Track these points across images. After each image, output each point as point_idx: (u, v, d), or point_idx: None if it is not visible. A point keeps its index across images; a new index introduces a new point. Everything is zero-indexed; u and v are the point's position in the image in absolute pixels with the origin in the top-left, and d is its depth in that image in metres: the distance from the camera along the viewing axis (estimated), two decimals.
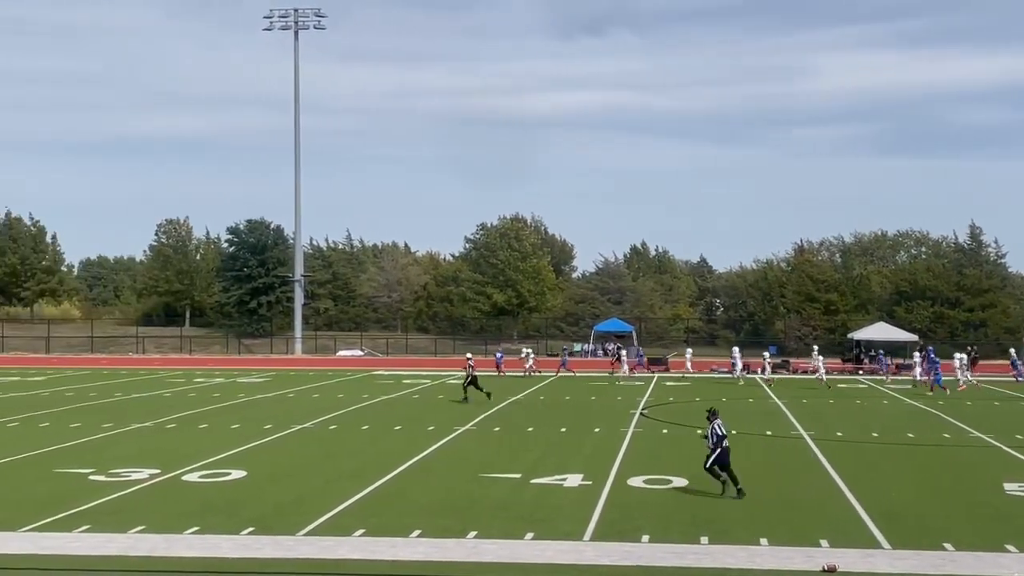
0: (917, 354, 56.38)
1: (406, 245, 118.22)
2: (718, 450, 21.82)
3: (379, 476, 24.04)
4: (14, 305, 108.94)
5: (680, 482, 23.33)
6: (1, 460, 26.50)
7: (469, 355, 47.61)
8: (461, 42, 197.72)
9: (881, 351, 56.77)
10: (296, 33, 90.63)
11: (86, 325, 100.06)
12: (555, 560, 16.47)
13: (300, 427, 33.92)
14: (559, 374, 59.34)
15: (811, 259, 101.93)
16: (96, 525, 18.74)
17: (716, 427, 21.97)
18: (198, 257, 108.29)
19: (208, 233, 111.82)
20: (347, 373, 62.61)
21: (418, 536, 17.98)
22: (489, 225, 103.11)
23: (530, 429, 33.50)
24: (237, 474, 24.43)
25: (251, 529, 18.46)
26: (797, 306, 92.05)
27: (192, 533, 18.19)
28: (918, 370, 53.50)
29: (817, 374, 54.64)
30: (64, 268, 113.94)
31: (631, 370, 61.31)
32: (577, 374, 60.06)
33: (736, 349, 59.30)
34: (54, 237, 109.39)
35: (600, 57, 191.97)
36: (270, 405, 42.06)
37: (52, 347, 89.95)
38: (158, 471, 24.63)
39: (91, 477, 23.87)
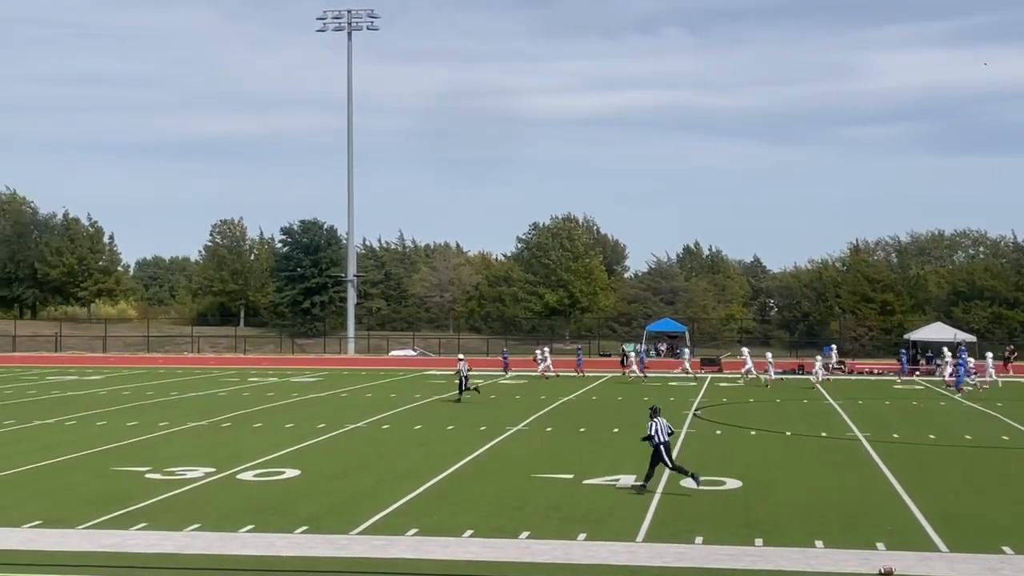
0: (950, 355, 55.99)
1: (458, 245, 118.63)
2: (660, 446, 22.28)
3: (431, 476, 24.08)
4: (72, 305, 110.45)
5: (734, 483, 23.16)
6: (60, 458, 26.84)
7: (461, 356, 47.66)
8: (511, 42, 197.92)
9: (963, 348, 56.47)
10: (349, 34, 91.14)
11: (142, 325, 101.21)
12: (608, 561, 16.41)
13: (353, 426, 34.07)
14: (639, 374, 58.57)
15: (867, 259, 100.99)
16: (152, 523, 18.91)
17: (655, 424, 22.45)
18: (252, 257, 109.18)
19: (262, 233, 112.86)
20: (399, 373, 62.83)
21: (470, 536, 17.98)
22: (541, 225, 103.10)
23: (582, 429, 33.42)
24: (291, 473, 24.57)
25: (305, 528, 18.55)
26: (852, 306, 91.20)
27: (247, 531, 18.31)
28: (948, 370, 53.03)
29: (813, 374, 54.55)
30: (121, 268, 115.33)
31: (639, 371, 59.97)
32: (586, 374, 59.36)
33: (745, 350, 59.34)
34: (111, 237, 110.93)
35: (652, 56, 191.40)
36: (323, 405, 42.29)
37: (109, 346, 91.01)
38: (213, 470, 24.82)
39: (147, 475, 24.10)
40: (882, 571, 15.68)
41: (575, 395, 46.56)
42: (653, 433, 22.38)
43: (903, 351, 65.54)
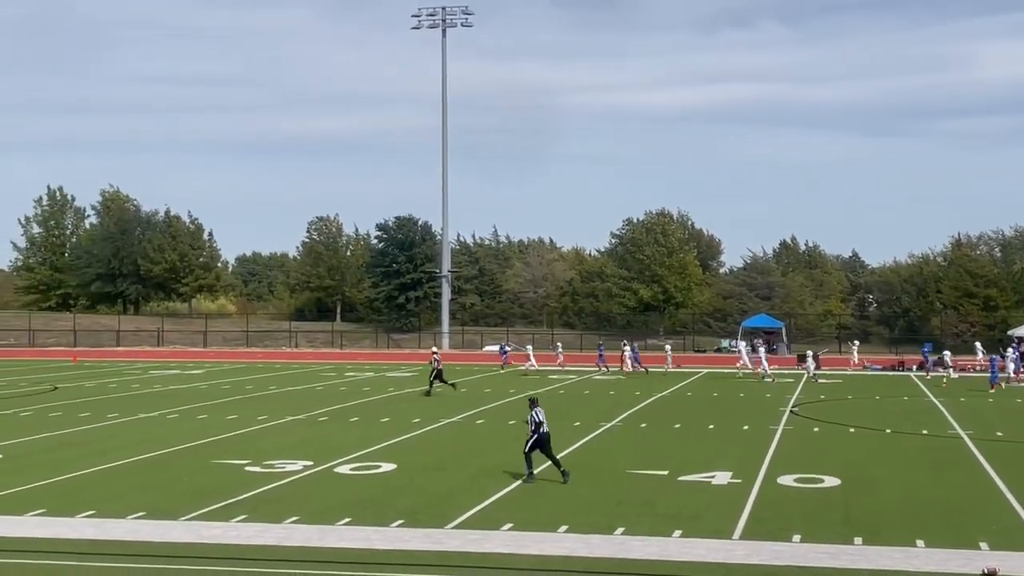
0: (1010, 349, 54.80)
1: (551, 241, 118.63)
2: (535, 435, 22.79)
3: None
4: (173, 300, 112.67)
5: (833, 481, 22.83)
6: (162, 450, 27.40)
7: (435, 349, 48.54)
8: (606, 37, 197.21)
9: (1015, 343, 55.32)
10: (444, 31, 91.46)
11: (241, 320, 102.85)
12: (704, 558, 16.29)
13: (448, 421, 34.25)
14: (631, 370, 57.89)
15: (969, 253, 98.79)
16: (252, 515, 19.22)
17: (535, 414, 22.98)
18: (348, 253, 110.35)
19: (357, 230, 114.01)
20: (493, 368, 63.01)
21: (565, 531, 17.97)
22: (635, 220, 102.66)
23: (677, 426, 33.22)
24: (387, 467, 24.78)
25: (401, 522, 18.70)
26: (954, 302, 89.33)
27: (344, 525, 18.51)
28: (1012, 366, 51.86)
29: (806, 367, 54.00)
30: (220, 264, 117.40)
31: (631, 367, 58.67)
32: (625, 371, 58.49)
33: (741, 344, 59.06)
34: (211, 234, 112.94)
35: (748, 50, 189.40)
36: (418, 399, 42.57)
37: (209, 341, 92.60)
38: (311, 463, 25.14)
39: (247, 468, 24.48)
40: (986, 571, 15.31)
41: (669, 391, 46.29)
42: (541, 420, 23.01)
43: (1014, 347, 63.50)
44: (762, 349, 61.81)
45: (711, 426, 33.02)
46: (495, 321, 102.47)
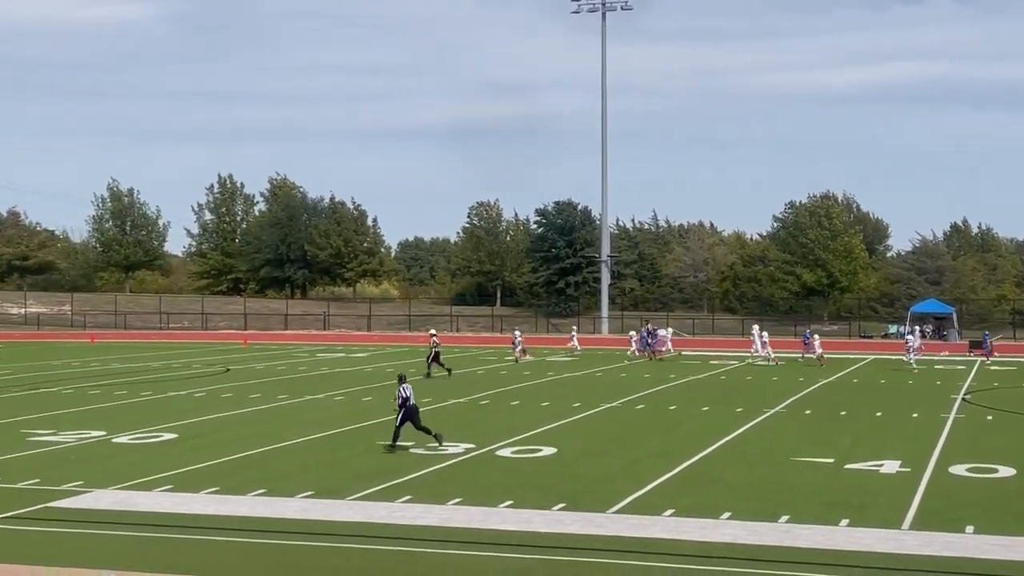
0: None
1: (712, 225, 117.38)
2: (403, 410, 24.39)
3: (687, 456, 23.92)
4: (338, 285, 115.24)
5: (1008, 471, 22.04)
6: (329, 431, 28.04)
7: (433, 331, 49.17)
8: (766, 18, 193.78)
9: None
10: (604, 15, 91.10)
11: (404, 304, 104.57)
12: (872, 548, 15.90)
13: (608, 406, 34.21)
14: (654, 357, 56.47)
15: None
16: (416, 496, 19.51)
17: (402, 390, 24.56)
18: (508, 239, 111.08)
19: (517, 215, 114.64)
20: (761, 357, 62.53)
21: (728, 518, 17.76)
22: (798, 203, 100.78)
23: (843, 413, 32.51)
24: (548, 451, 24.88)
25: (562, 505, 18.74)
26: None
27: (506, 507, 18.64)
28: None
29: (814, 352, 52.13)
30: (384, 250, 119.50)
31: (639, 353, 57.20)
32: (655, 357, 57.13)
33: (756, 328, 57.22)
34: (375, 220, 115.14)
35: (918, 26, 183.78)
36: (578, 383, 42.62)
37: (373, 325, 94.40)
38: (473, 446, 25.40)
39: (411, 450, 24.84)
40: None
41: (835, 377, 45.33)
42: (407, 395, 24.57)
43: None
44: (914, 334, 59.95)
45: (878, 413, 32.22)
46: (655, 306, 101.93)
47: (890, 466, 22.67)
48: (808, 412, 32.80)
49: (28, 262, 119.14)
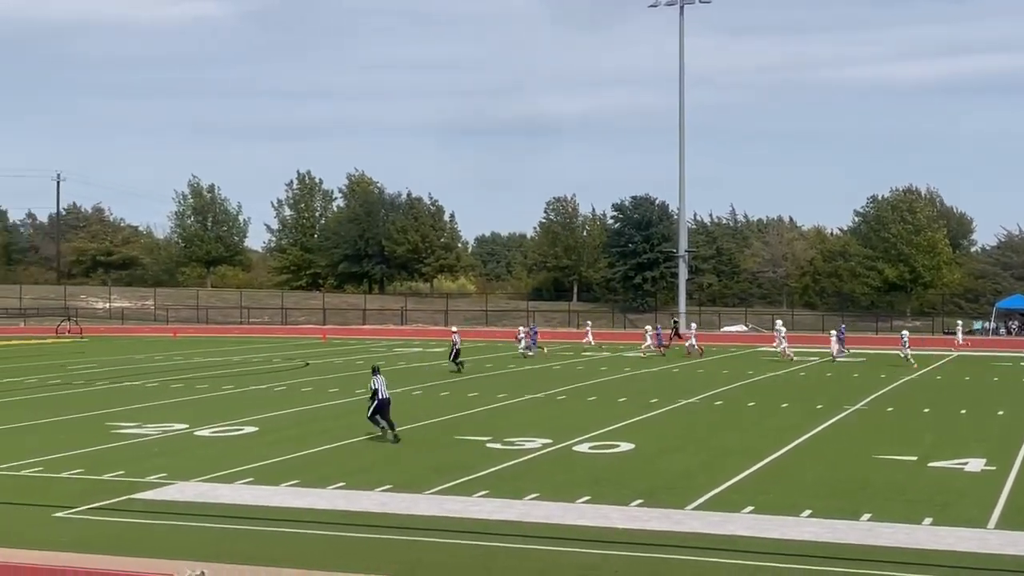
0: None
1: (791, 219, 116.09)
2: (375, 402, 25.13)
3: (767, 453, 23.71)
4: (416, 280, 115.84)
5: None
6: (407, 426, 28.17)
7: (454, 328, 49.91)
8: (849, 10, 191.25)
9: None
10: (681, 8, 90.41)
11: (480, 299, 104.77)
12: (956, 547, 15.63)
13: (686, 402, 34.02)
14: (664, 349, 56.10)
15: None
16: (494, 491, 19.55)
17: (373, 382, 25.40)
18: (585, 234, 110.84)
19: (594, 210, 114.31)
20: (731, 349, 62.22)
21: (808, 516, 17.57)
22: (880, 197, 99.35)
23: (926, 410, 32.01)
24: (625, 446, 24.80)
25: (640, 501, 18.67)
26: None
27: (583, 502, 18.61)
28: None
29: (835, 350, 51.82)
30: (461, 245, 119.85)
31: (654, 348, 56.43)
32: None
33: (780, 322, 57.65)
34: (452, 215, 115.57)
35: (1001, 16, 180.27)
36: (655, 379, 42.45)
37: (450, 320, 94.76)
38: (550, 441, 25.40)
39: (488, 445, 24.93)
40: None
41: (917, 375, 44.64)
42: (376, 387, 25.35)
43: None
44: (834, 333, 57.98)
45: (963, 411, 31.68)
46: (733, 301, 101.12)
47: (975, 464, 22.28)
48: (890, 409, 32.34)
49: (112, 257, 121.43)
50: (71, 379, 41.59)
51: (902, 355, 48.17)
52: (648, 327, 59.13)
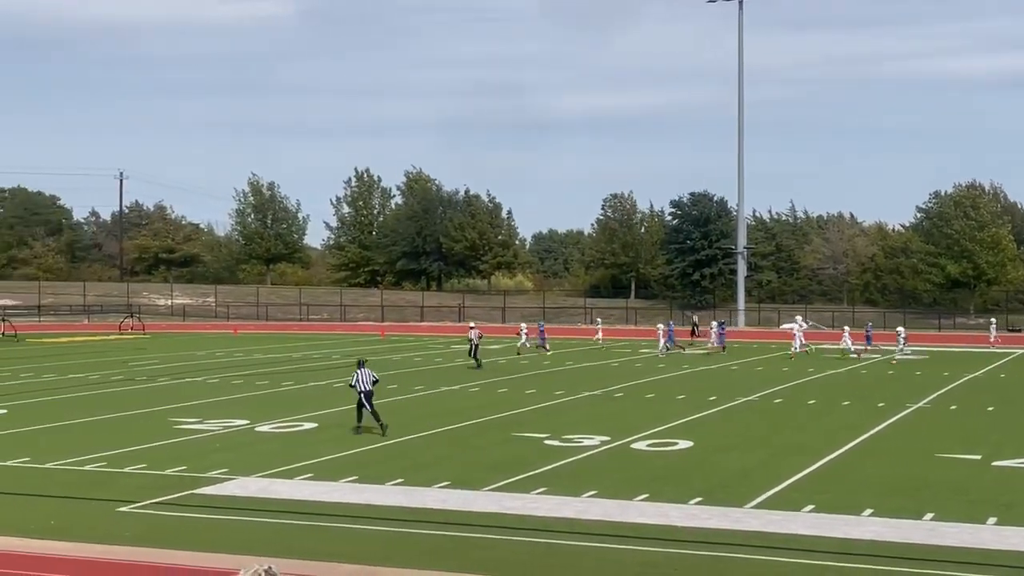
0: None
1: (852, 215, 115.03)
2: (360, 394, 25.78)
3: (827, 451, 23.48)
4: (473, 277, 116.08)
5: None
6: (465, 422, 28.25)
7: (472, 324, 49.59)
8: (911, 3, 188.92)
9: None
10: (741, 3, 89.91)
11: (538, 296, 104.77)
12: (1021, 547, 15.39)
13: (745, 399, 33.79)
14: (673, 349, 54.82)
15: None
16: (552, 488, 19.52)
17: (354, 375, 26.20)
18: (642, 230, 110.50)
19: (652, 207, 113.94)
20: (790, 346, 61.57)
21: (870, 515, 17.37)
22: (943, 193, 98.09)
23: (990, 408, 31.56)
24: (684, 444, 24.68)
25: (699, 499, 18.55)
26: None
27: (642, 500, 18.53)
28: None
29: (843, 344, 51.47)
30: (518, 242, 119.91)
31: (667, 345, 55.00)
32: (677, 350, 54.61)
33: (799, 318, 56.65)
34: (509, 213, 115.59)
35: None
36: (714, 377, 42.20)
37: (507, 317, 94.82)
38: (608, 438, 25.32)
39: (546, 441, 24.90)
40: None
41: (982, 372, 44.02)
42: (355, 383, 25.97)
43: None
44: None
45: None
46: (793, 298, 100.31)
47: None
48: (953, 407, 31.91)
49: (174, 255, 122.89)
50: (134, 375, 42.11)
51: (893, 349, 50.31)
52: (660, 325, 58.64)
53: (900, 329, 53.37)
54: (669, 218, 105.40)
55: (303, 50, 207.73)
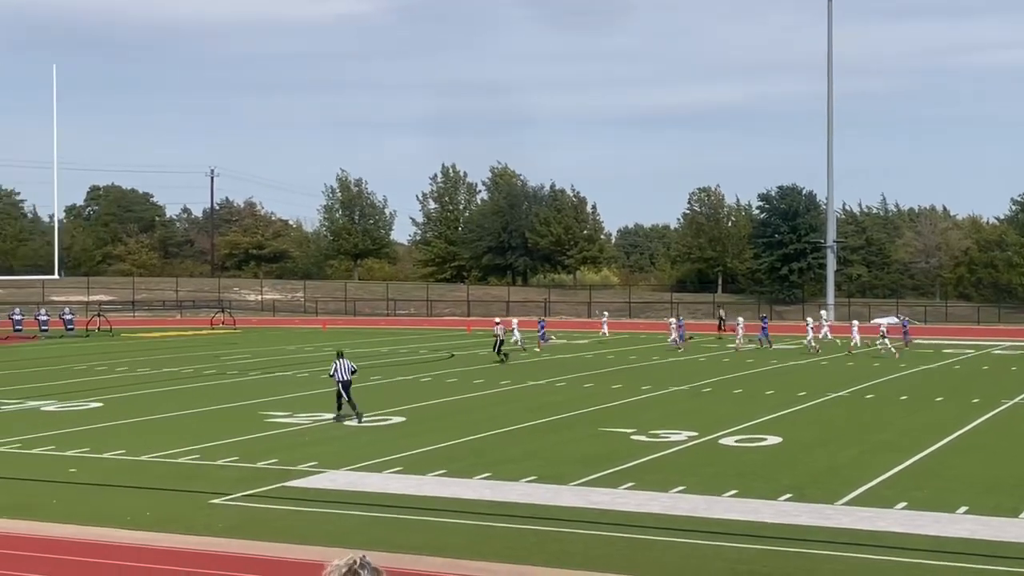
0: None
1: (944, 208, 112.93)
2: (339, 383, 27.37)
3: (920, 448, 23.11)
4: (559, 272, 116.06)
5: None
6: (551, 417, 28.26)
7: (497, 320, 50.00)
8: None
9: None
10: None
11: (624, 291, 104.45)
12: None
13: (835, 395, 33.37)
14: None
15: None
16: (639, 483, 19.46)
17: (338, 364, 27.61)
18: (730, 224, 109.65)
19: (739, 200, 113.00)
20: (874, 341, 60.61)
21: (964, 513, 17.07)
22: None
23: None
24: (773, 440, 24.45)
25: (789, 496, 18.38)
26: None
27: (730, 496, 18.40)
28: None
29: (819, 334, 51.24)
30: (603, 237, 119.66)
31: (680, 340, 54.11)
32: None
33: (823, 313, 56.73)
34: (594, 207, 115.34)
35: None
36: (803, 372, 41.74)
37: (593, 312, 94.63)
38: (695, 434, 25.18)
39: (633, 437, 24.84)
40: None
41: None
42: (334, 373, 27.54)
43: None
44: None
45: None
46: (883, 293, 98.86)
47: None
48: None
49: (264, 251, 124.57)
50: (225, 369, 42.78)
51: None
52: (672, 320, 58.07)
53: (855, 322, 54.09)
54: (757, 212, 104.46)
55: (389, 46, 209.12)
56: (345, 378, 27.35)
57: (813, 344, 50.99)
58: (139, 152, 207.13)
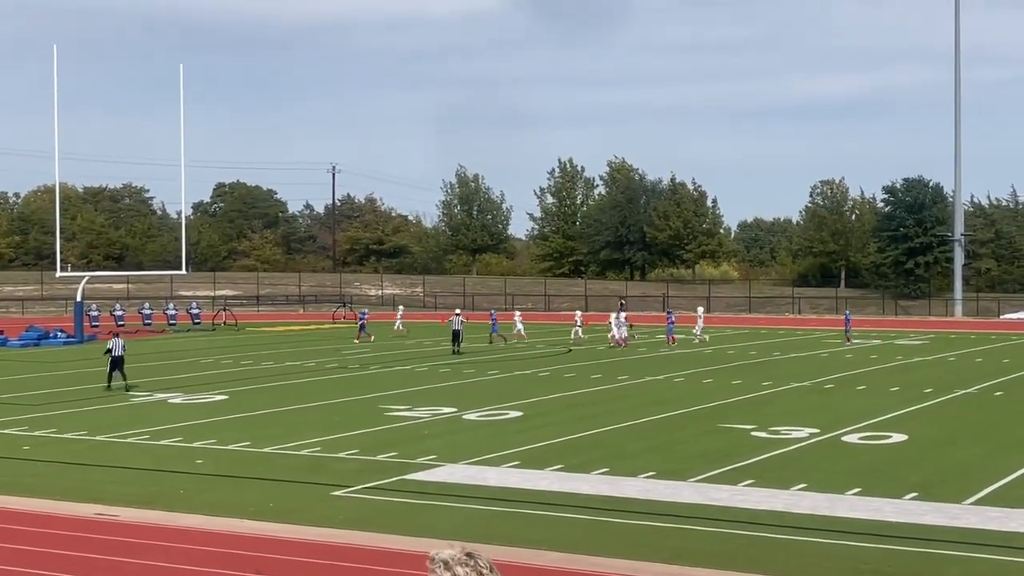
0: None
1: None
2: (111, 359, 32.68)
3: None
4: (677, 267, 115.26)
5: None
6: (670, 412, 28.07)
7: (458, 311, 50.98)
8: None
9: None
10: None
11: (744, 286, 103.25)
12: None
13: (963, 392, 32.53)
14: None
15: None
16: (759, 480, 19.22)
17: (114, 342, 32.87)
18: (853, 217, 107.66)
19: (863, 193, 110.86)
20: (1012, 337, 59.03)
21: None
22: None
23: None
24: (898, 437, 23.93)
25: (914, 495, 17.97)
26: None
27: (853, 494, 18.06)
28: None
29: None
30: (723, 231, 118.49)
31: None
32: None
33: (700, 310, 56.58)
34: (714, 201, 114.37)
35: None
36: (929, 368, 40.78)
37: (712, 307, 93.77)
38: (817, 430, 24.78)
39: (753, 433, 24.54)
40: None
41: None
42: (111, 348, 32.39)
43: None
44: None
45: None
46: (1014, 287, 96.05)
47: None
48: None
49: (384, 246, 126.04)
50: (346, 363, 43.38)
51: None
52: (612, 315, 56.70)
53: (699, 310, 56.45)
54: (881, 205, 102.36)
55: (510, 41, 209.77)
56: (119, 353, 32.43)
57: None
58: (263, 149, 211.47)
